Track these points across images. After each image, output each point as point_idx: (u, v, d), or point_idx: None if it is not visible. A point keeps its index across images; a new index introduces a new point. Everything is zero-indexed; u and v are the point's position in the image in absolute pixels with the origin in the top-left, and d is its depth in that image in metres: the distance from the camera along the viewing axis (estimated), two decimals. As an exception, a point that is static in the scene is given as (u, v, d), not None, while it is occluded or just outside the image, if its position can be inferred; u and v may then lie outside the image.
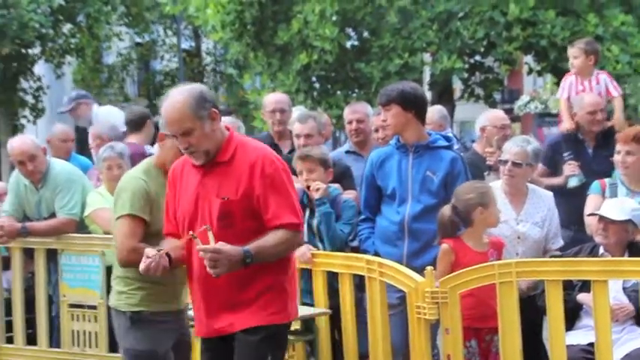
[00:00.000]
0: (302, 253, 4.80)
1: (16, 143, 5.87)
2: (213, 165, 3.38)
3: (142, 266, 3.33)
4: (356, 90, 16.50)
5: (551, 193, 5.03)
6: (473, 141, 6.82)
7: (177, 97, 3.33)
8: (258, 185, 3.33)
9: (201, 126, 3.31)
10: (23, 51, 20.39)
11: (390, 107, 4.75)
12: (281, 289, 3.42)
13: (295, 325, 4.72)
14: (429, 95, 15.67)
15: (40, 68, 21.88)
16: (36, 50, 20.79)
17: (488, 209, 4.36)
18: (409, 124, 4.76)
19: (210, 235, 3.21)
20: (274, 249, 3.33)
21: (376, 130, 5.68)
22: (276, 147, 6.15)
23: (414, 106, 4.75)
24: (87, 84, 24.32)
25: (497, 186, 4.88)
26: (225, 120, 5.92)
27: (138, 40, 27.09)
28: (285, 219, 3.34)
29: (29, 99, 21.74)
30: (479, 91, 17.52)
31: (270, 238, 3.32)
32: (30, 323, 5.87)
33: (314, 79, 16.57)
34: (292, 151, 5.77)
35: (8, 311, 6.00)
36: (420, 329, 4.09)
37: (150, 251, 3.32)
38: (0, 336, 6.01)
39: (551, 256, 4.66)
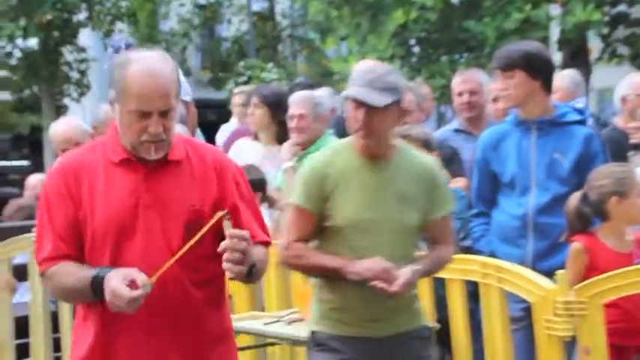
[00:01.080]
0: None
1: (59, 128, 5.96)
2: (160, 164, 3.02)
3: (129, 294, 2.82)
4: (464, 54, 16.37)
5: None
6: (614, 113, 6.69)
7: (162, 64, 2.96)
8: (231, 194, 3.08)
9: (176, 108, 3.00)
10: (66, 16, 20.85)
11: (513, 73, 4.70)
12: (231, 340, 3.22)
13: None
14: (557, 57, 15.44)
15: (85, 38, 22.41)
16: (81, 16, 21.30)
17: (629, 199, 4.25)
18: (534, 95, 4.71)
19: (229, 224, 2.92)
20: (264, 266, 3.14)
21: (494, 100, 5.63)
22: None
23: (541, 72, 4.70)
24: (141, 55, 24.82)
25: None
26: (322, 92, 6.03)
27: (201, 1, 27.53)
28: (261, 236, 3.15)
29: (74, 74, 22.25)
30: (623, 50, 17.10)
31: (258, 252, 3.06)
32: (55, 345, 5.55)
33: (412, 42, 16.50)
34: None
35: (26, 332, 5.68)
36: (550, 348, 4.03)
37: (144, 279, 2.87)
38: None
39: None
